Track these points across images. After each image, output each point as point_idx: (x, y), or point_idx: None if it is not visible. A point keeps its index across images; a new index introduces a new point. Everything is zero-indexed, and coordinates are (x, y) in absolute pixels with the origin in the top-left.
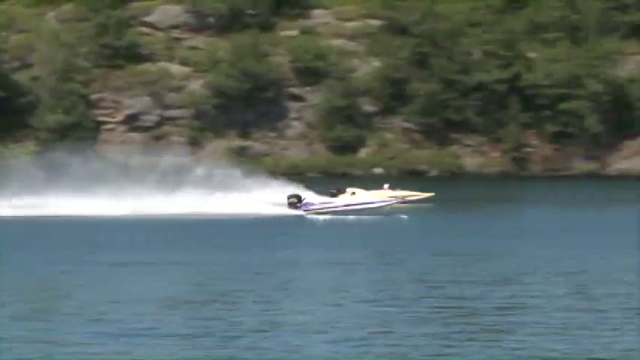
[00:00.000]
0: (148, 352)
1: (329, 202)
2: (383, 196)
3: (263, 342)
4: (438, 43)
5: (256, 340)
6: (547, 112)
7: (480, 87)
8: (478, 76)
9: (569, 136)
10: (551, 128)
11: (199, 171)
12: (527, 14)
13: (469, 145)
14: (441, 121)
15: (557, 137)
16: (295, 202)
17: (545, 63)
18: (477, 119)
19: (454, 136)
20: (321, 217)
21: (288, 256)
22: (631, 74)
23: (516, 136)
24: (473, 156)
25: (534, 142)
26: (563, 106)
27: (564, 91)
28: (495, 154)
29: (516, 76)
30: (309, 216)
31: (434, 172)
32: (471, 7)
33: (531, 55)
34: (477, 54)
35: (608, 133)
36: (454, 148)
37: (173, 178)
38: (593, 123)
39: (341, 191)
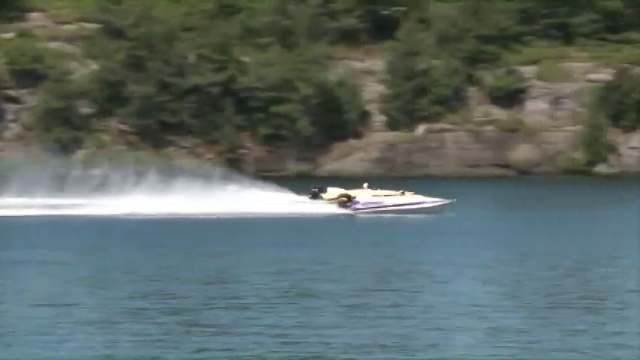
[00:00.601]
0: None
1: (379, 202)
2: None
3: None
4: (154, 46)
5: None
6: (260, 115)
7: (195, 90)
8: (193, 79)
9: (282, 138)
10: (264, 130)
11: None
12: (240, 19)
13: (185, 147)
14: (157, 122)
15: (270, 139)
16: (345, 201)
17: (257, 67)
18: (192, 121)
19: (170, 137)
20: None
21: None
22: (340, 78)
23: (231, 137)
24: (188, 157)
25: (248, 144)
26: (276, 108)
27: (277, 94)
28: (210, 156)
29: (230, 79)
30: (360, 215)
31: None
32: (186, 11)
33: (245, 59)
34: (191, 57)
35: (319, 135)
36: (170, 150)
37: None
38: (304, 125)
39: (322, 191)
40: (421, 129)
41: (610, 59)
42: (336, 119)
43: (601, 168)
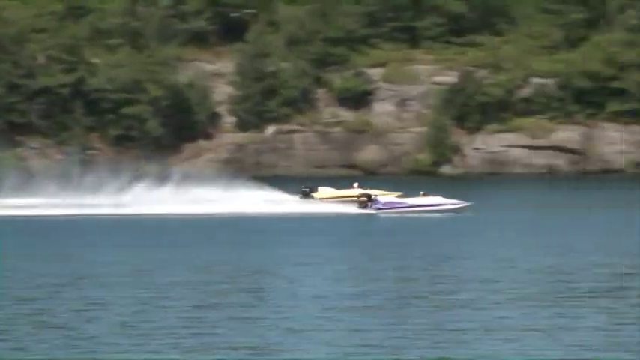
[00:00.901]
0: None
1: (400, 203)
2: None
3: None
4: (4, 47)
5: None
6: (110, 116)
7: (44, 91)
8: (43, 80)
9: (132, 139)
10: (114, 132)
11: None
12: (90, 20)
13: (34, 148)
14: (6, 123)
15: (120, 140)
16: (366, 201)
17: (107, 68)
18: (42, 122)
19: (19, 138)
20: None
21: None
22: (190, 79)
23: (80, 139)
24: (38, 158)
25: (98, 145)
26: (126, 110)
27: (127, 95)
28: (60, 157)
29: (80, 81)
30: (381, 215)
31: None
32: (35, 13)
33: (94, 60)
34: (41, 58)
35: (169, 136)
36: (19, 151)
37: None
38: (154, 126)
39: (313, 190)
40: (270, 130)
41: (454, 62)
42: (185, 120)
43: (446, 169)
